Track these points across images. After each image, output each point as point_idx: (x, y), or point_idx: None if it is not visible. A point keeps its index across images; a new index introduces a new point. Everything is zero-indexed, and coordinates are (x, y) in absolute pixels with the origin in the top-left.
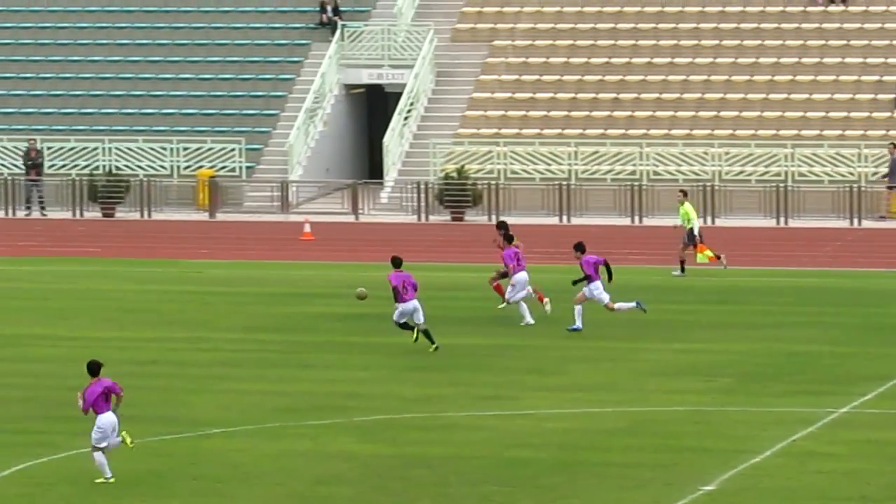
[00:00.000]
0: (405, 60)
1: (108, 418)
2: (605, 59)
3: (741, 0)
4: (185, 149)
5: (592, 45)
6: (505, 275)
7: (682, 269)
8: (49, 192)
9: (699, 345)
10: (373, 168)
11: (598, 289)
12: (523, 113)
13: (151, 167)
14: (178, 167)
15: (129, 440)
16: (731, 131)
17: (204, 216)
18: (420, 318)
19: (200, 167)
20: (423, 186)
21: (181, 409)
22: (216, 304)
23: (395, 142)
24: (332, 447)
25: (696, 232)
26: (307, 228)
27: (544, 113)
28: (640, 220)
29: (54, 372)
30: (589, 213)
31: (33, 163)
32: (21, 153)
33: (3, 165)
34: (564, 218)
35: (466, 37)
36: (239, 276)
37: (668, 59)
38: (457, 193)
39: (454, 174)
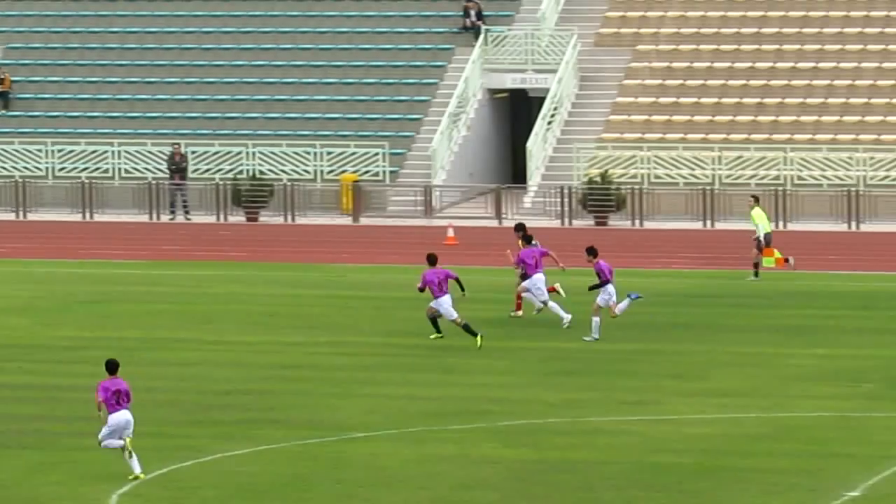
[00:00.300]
0: (548, 65)
1: (120, 416)
2: (749, 64)
3: (886, 4)
4: (329, 153)
5: (736, 49)
6: (525, 276)
7: (756, 273)
8: (193, 197)
9: (844, 350)
10: (516, 172)
11: (614, 293)
12: (667, 117)
13: (295, 171)
14: (322, 171)
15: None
16: (875, 136)
17: (347, 220)
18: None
19: (344, 171)
20: (566, 191)
21: (325, 414)
22: (359, 309)
23: (539, 146)
24: (475, 452)
25: (760, 237)
26: (450, 233)
27: (688, 117)
28: (785, 226)
29: (198, 375)
30: (733, 218)
31: (177, 167)
32: (166, 157)
33: (147, 169)
34: (708, 223)
35: (610, 41)
36: (382, 281)
37: (813, 64)
38: (600, 198)
39: (598, 179)
